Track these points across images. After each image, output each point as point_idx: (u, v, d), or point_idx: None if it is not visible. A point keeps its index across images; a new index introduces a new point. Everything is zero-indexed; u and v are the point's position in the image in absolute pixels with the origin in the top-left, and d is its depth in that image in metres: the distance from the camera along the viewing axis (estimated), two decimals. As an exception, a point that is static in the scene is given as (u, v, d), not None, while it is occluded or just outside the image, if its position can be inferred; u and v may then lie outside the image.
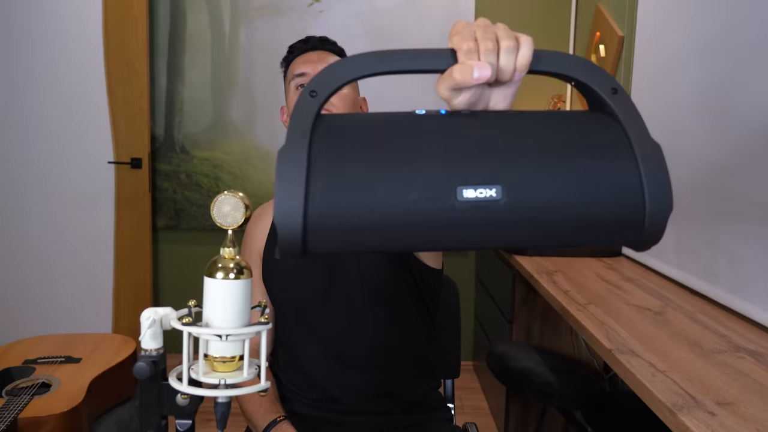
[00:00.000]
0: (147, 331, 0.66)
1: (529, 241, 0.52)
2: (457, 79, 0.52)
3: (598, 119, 0.54)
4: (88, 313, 2.90)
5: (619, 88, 0.54)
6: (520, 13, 2.91)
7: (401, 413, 1.20)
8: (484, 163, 0.49)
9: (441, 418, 1.28)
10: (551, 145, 0.51)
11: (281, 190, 0.47)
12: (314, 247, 0.49)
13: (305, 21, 2.86)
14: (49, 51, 2.80)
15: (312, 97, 0.52)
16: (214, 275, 0.63)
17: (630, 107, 0.54)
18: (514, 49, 0.53)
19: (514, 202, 0.48)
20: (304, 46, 1.22)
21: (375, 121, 0.53)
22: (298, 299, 1.18)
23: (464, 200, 0.48)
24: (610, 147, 0.51)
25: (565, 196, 0.50)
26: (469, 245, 0.52)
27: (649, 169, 0.50)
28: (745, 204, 1.42)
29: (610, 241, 0.54)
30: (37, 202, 2.88)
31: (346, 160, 0.48)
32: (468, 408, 2.61)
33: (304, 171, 0.47)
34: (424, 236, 0.49)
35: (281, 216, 0.47)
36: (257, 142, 2.93)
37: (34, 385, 1.53)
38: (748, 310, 1.40)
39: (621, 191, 0.50)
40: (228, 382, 0.62)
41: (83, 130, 2.84)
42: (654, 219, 0.51)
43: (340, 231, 0.48)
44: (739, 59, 1.46)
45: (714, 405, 0.97)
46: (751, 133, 1.41)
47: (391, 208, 0.48)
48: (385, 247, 0.51)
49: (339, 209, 0.47)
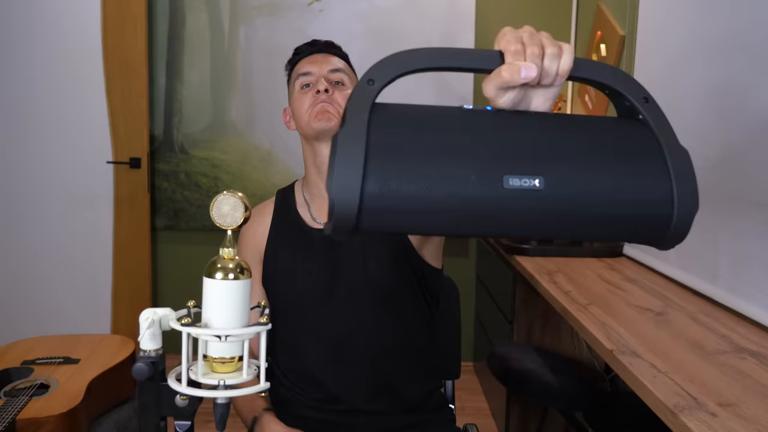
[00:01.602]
0: (146, 331, 0.66)
1: (564, 231, 0.56)
2: (505, 78, 0.56)
3: (631, 125, 0.59)
4: (86, 313, 2.90)
5: (650, 98, 0.60)
6: (521, 12, 2.91)
7: (403, 414, 1.20)
8: (529, 155, 0.53)
9: (443, 418, 1.27)
10: (590, 146, 0.55)
11: (341, 170, 0.49)
12: (366, 226, 0.52)
13: (305, 20, 2.86)
14: (48, 51, 2.80)
15: (369, 85, 0.55)
16: (214, 276, 0.63)
17: (660, 115, 0.59)
18: (558, 55, 0.58)
19: (555, 193, 0.52)
20: (310, 49, 1.22)
21: (427, 112, 0.56)
22: (301, 298, 1.17)
23: (510, 188, 0.51)
24: (642, 151, 0.56)
25: (600, 193, 0.54)
26: (510, 231, 0.57)
27: (677, 172, 0.55)
28: (747, 204, 1.42)
29: (637, 238, 0.58)
30: (35, 202, 2.87)
31: (403, 146, 0.51)
32: (468, 409, 2.60)
33: (362, 152, 0.50)
34: (470, 221, 0.53)
35: (339, 194, 0.49)
36: (256, 142, 2.93)
37: (32, 386, 1.52)
38: (749, 310, 1.39)
39: (652, 191, 0.54)
40: (227, 382, 0.62)
41: (82, 129, 2.84)
42: (681, 218, 0.55)
43: (393, 212, 0.51)
44: (740, 58, 1.46)
45: (715, 406, 0.97)
46: (754, 132, 1.41)
47: (441, 193, 0.51)
48: (432, 230, 0.56)
49: (394, 191, 0.50)
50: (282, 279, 1.19)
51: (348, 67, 1.23)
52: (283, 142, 2.91)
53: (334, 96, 1.15)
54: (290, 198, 1.25)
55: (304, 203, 1.23)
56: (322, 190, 1.20)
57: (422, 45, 2.12)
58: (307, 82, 1.18)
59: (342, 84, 1.19)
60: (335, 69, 1.19)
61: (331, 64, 1.19)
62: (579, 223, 0.55)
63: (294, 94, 1.20)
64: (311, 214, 1.21)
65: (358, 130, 0.51)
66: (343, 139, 0.51)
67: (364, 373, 1.17)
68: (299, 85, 1.19)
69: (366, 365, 1.17)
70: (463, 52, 0.58)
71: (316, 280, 1.17)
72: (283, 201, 1.26)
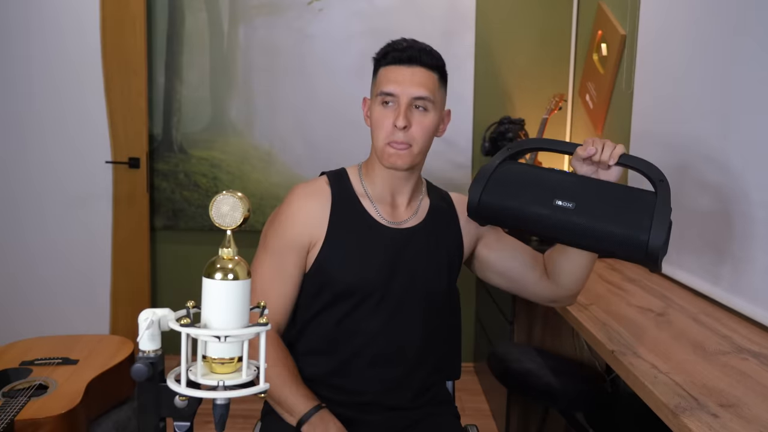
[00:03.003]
0: (145, 332, 0.66)
1: (574, 238, 1.10)
2: (578, 153, 1.12)
3: (645, 193, 1.07)
4: (85, 314, 2.89)
5: (665, 180, 1.06)
6: (522, 11, 2.90)
7: (414, 409, 1.23)
8: (571, 193, 1.08)
9: (448, 412, 1.30)
10: (611, 195, 1.08)
11: (475, 184, 1.13)
12: (481, 215, 1.14)
13: (304, 19, 2.85)
14: (47, 50, 2.79)
15: (507, 150, 1.17)
16: (213, 276, 0.62)
17: (666, 193, 1.05)
18: (612, 147, 1.11)
19: (580, 211, 1.06)
20: (400, 56, 1.16)
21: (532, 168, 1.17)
22: (358, 289, 1.18)
23: (556, 205, 1.08)
24: (642, 207, 1.04)
25: (605, 217, 1.05)
26: (549, 233, 1.12)
27: (657, 223, 1.02)
28: (748, 204, 1.42)
29: (625, 256, 1.11)
30: (33, 202, 2.87)
31: (506, 181, 1.13)
32: (469, 410, 2.60)
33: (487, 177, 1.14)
34: (532, 221, 1.10)
35: (472, 195, 1.13)
36: (256, 142, 2.92)
37: (31, 386, 1.52)
38: (751, 311, 1.39)
39: (637, 225, 1.03)
40: (227, 383, 0.62)
41: (81, 129, 2.83)
42: (651, 251, 1.02)
43: (494, 209, 1.12)
44: (742, 58, 1.46)
45: (717, 407, 0.97)
46: (755, 132, 1.40)
47: (519, 204, 1.10)
48: (514, 225, 1.16)
49: (494, 198, 1.12)
50: (343, 265, 1.18)
51: (436, 85, 1.17)
52: (283, 142, 2.91)
53: (411, 132, 1.14)
54: (347, 186, 1.24)
55: (365, 195, 1.23)
56: (390, 193, 1.23)
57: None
58: (387, 101, 1.15)
59: (424, 110, 1.15)
60: (420, 97, 1.14)
61: (417, 89, 1.14)
62: (588, 232, 1.06)
63: (375, 105, 1.18)
64: (375, 209, 1.22)
65: (490, 166, 1.15)
66: (482, 169, 1.15)
67: (394, 370, 1.21)
68: (381, 100, 1.16)
69: (398, 363, 1.21)
70: (565, 143, 1.18)
71: (377, 275, 1.19)
72: (339, 187, 1.23)
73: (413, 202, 1.26)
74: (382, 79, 1.17)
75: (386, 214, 1.23)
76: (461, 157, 2.92)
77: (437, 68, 1.18)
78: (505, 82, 2.94)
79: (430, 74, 1.17)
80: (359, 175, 1.26)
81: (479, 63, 2.90)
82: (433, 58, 1.18)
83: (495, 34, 2.90)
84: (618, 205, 1.06)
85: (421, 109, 1.15)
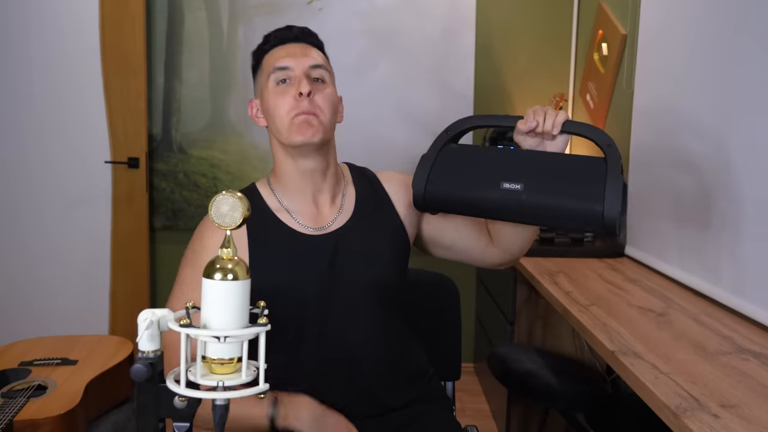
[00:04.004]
0: (144, 332, 0.65)
1: (527, 218, 1.06)
2: (519, 127, 1.06)
3: (595, 160, 1.02)
4: (84, 314, 2.89)
5: (612, 144, 1.00)
6: (522, 10, 2.90)
7: (399, 409, 1.15)
8: (518, 172, 1.02)
9: (442, 407, 1.23)
10: (560, 167, 1.02)
11: (418, 174, 1.07)
12: (429, 207, 1.09)
13: (304, 19, 2.85)
14: (46, 50, 2.79)
15: (446, 133, 1.11)
16: (212, 276, 0.62)
17: (616, 156, 0.99)
18: (553, 115, 1.04)
19: (529, 191, 1.00)
20: (285, 35, 1.13)
21: (476, 149, 1.15)
22: (302, 301, 1.10)
23: (504, 189, 1.02)
24: (593, 174, 0.99)
25: (556, 193, 1.00)
26: (502, 217, 1.08)
27: (610, 190, 0.96)
28: (749, 204, 1.41)
29: (581, 227, 1.03)
30: (32, 202, 2.86)
31: (449, 167, 1.08)
32: (469, 410, 2.59)
33: (429, 166, 1.08)
34: (481, 208, 1.05)
35: (416, 187, 1.07)
36: (255, 142, 2.92)
37: (30, 387, 1.51)
38: (752, 311, 1.39)
39: (589, 196, 0.97)
40: (226, 384, 0.62)
41: (80, 129, 2.82)
42: (608, 218, 0.96)
43: (441, 199, 1.07)
44: (742, 57, 1.45)
45: (718, 407, 0.97)
46: (756, 132, 1.40)
47: (466, 191, 1.05)
48: (463, 213, 1.10)
49: (440, 188, 1.06)
50: (275, 291, 1.06)
51: (326, 60, 1.15)
52: (283, 142, 2.90)
53: (315, 100, 1.08)
54: (259, 204, 1.14)
55: (282, 209, 1.14)
56: (309, 196, 1.15)
57: (422, 43, 2.26)
58: (284, 77, 1.09)
59: (322, 81, 1.11)
60: (316, 65, 1.10)
61: (311, 59, 1.10)
62: (540, 211, 1.01)
63: (268, 89, 1.11)
64: (295, 220, 1.13)
65: (431, 155, 1.09)
66: (423, 159, 1.09)
67: (364, 378, 1.12)
68: (274, 80, 1.10)
69: (367, 369, 1.12)
70: (504, 117, 1.11)
71: (317, 286, 1.10)
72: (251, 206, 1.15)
73: (336, 197, 1.16)
74: (271, 60, 1.12)
75: (309, 221, 1.13)
76: (461, 157, 2.91)
77: (321, 46, 1.16)
78: (506, 81, 2.93)
79: (318, 51, 1.14)
80: (269, 186, 1.17)
81: (479, 62, 2.90)
82: (316, 38, 1.16)
83: (495, 33, 2.90)
84: (567, 177, 1.00)
85: (319, 81, 1.10)
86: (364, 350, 1.12)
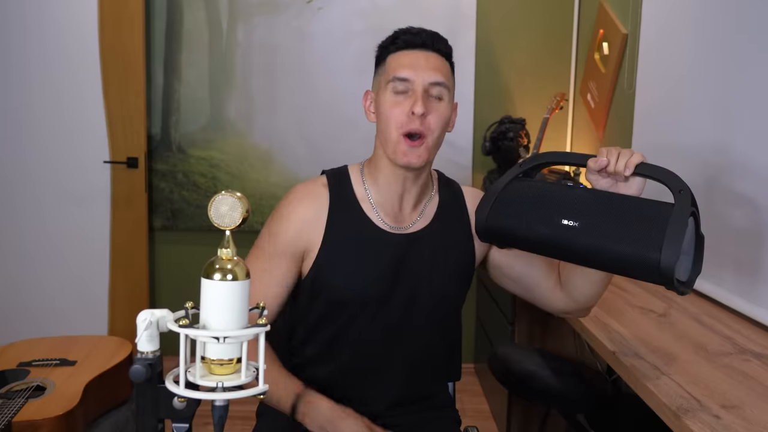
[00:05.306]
0: (143, 333, 0.65)
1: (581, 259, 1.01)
2: (590, 166, 1.01)
3: (662, 206, 0.93)
4: (83, 315, 2.88)
5: (684, 189, 0.93)
6: (523, 9, 2.90)
7: (411, 413, 1.21)
8: (578, 211, 0.98)
9: (449, 416, 1.28)
10: (619, 209, 0.95)
11: (482, 204, 1.08)
12: (489, 237, 1.09)
13: (304, 18, 2.85)
14: (45, 49, 2.78)
15: (519, 167, 1.10)
16: (212, 276, 0.62)
17: (685, 204, 0.91)
18: (628, 155, 0.98)
19: (584, 230, 0.96)
20: (413, 41, 1.10)
21: (542, 185, 1.06)
22: (358, 297, 1.12)
23: (561, 224, 0.98)
24: (654, 223, 0.91)
25: (611, 236, 0.94)
26: (558, 255, 1.05)
27: (667, 248, 0.88)
28: (749, 204, 1.41)
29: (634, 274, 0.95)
30: (31, 202, 2.86)
31: (513, 200, 1.05)
32: (469, 411, 2.59)
33: (494, 196, 1.07)
34: (535, 243, 1.03)
35: (478, 216, 1.07)
36: (255, 142, 2.91)
37: (28, 388, 1.51)
38: (753, 312, 1.38)
39: (642, 249, 0.91)
40: (226, 384, 0.62)
41: (79, 129, 2.82)
42: (663, 269, 0.88)
43: (500, 230, 1.06)
44: (744, 57, 1.45)
45: (719, 408, 0.97)
46: (757, 132, 1.40)
47: (524, 224, 1.03)
48: (520, 246, 1.08)
49: (499, 219, 1.05)
50: (341, 272, 1.12)
51: (449, 71, 1.12)
52: (282, 142, 2.90)
53: (427, 120, 1.06)
54: (347, 188, 1.15)
55: (366, 199, 1.15)
56: (396, 195, 1.15)
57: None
58: (403, 89, 1.07)
59: (440, 100, 1.09)
60: (437, 82, 1.08)
61: (434, 73, 1.08)
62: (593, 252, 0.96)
63: (385, 95, 1.09)
64: (376, 213, 1.14)
65: (496, 188, 1.07)
66: (488, 190, 1.08)
67: (396, 382, 1.17)
68: (392, 89, 1.08)
69: (400, 374, 1.17)
70: (577, 155, 1.06)
71: (380, 283, 1.12)
72: (338, 190, 1.15)
73: (420, 202, 1.17)
74: (393, 64, 1.09)
75: (389, 218, 1.15)
76: (461, 157, 2.91)
77: (448, 56, 1.13)
78: (506, 81, 2.93)
79: (444, 61, 1.11)
80: (361, 175, 1.17)
81: (480, 62, 2.90)
82: (445, 44, 1.12)
83: (496, 32, 2.90)
84: (629, 221, 0.93)
85: (436, 97, 1.08)
86: (404, 344, 1.16)
